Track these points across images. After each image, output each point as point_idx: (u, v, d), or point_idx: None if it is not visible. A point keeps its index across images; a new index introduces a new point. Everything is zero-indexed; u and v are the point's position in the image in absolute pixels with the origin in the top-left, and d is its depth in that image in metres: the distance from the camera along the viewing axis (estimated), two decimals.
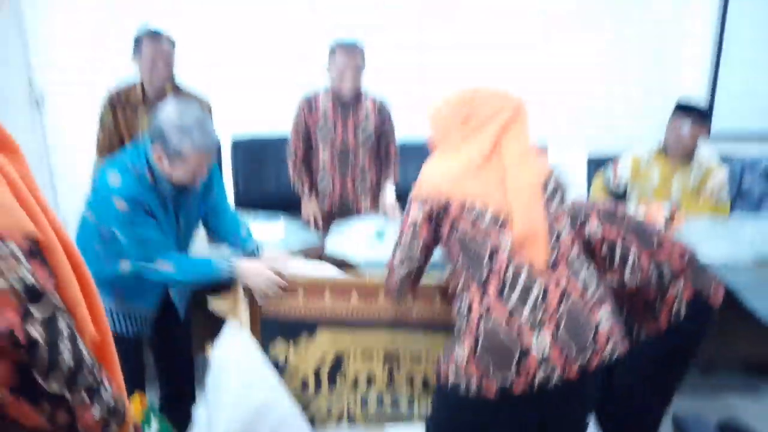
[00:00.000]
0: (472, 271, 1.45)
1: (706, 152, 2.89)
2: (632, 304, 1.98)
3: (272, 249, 2.24)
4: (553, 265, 1.45)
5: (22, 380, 0.68)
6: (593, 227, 1.86)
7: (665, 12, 3.89)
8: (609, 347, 1.42)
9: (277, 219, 2.81)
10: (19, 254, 0.68)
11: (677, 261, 1.92)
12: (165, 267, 1.85)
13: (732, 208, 3.01)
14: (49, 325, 0.70)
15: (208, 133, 1.77)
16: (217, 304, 2.04)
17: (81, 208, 2.22)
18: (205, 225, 2.18)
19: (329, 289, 2.02)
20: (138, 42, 2.52)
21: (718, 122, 4.04)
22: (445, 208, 1.48)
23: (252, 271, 1.93)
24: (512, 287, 1.41)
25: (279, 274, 1.95)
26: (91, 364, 0.76)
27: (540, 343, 1.36)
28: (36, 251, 0.71)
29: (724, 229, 2.66)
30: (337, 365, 2.07)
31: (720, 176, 2.82)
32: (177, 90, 2.64)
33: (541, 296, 1.40)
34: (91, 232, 1.87)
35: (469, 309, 1.44)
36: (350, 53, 2.62)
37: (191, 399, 2.31)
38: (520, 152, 1.52)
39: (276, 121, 3.15)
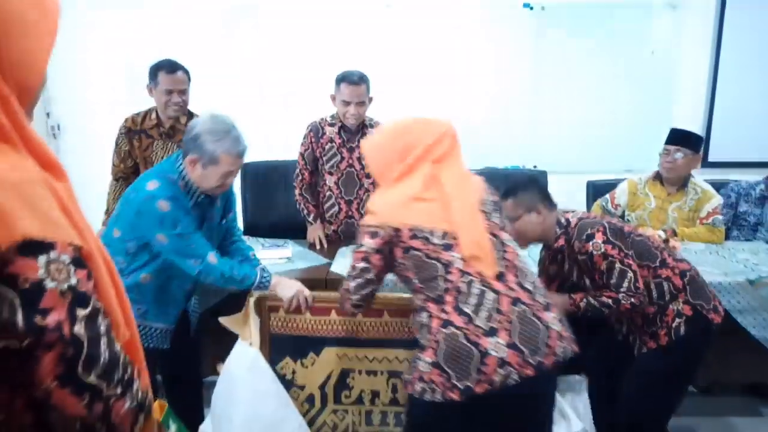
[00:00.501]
0: (428, 287, 1.55)
1: (701, 179, 2.98)
2: (631, 318, 2.05)
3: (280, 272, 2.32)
4: (502, 275, 1.56)
5: (66, 371, 0.76)
6: (597, 243, 1.93)
7: (662, 48, 4.03)
8: (561, 348, 1.52)
9: (284, 243, 2.90)
10: (67, 261, 0.77)
11: (678, 279, 1.99)
12: (212, 260, 1.96)
13: (728, 234, 3.08)
14: (91, 323, 0.79)
15: (239, 139, 1.92)
16: (228, 322, 2.11)
17: (95, 228, 2.31)
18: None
19: (335, 308, 2.10)
20: (154, 72, 2.65)
21: (714, 153, 4.15)
22: (396, 235, 1.58)
23: (284, 283, 2.06)
24: (467, 298, 1.50)
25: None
26: (123, 360, 0.84)
27: (496, 347, 1.45)
28: (79, 259, 0.80)
29: (719, 252, 2.73)
30: (343, 382, 2.13)
31: (715, 202, 2.90)
32: (191, 118, 2.75)
33: (494, 304, 1.50)
34: (115, 248, 1.96)
35: (429, 322, 1.53)
36: (354, 85, 2.72)
37: (199, 418, 2.36)
38: (457, 178, 1.64)
39: (284, 149, 3.26)
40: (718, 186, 3.11)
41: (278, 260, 2.61)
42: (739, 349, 2.49)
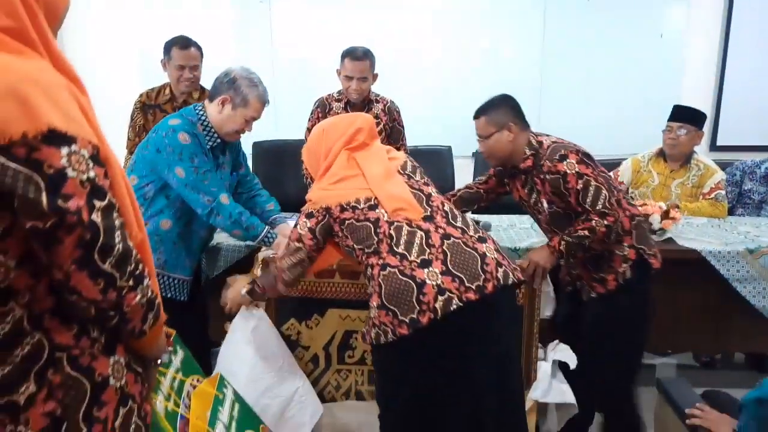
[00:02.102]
0: (366, 245, 1.66)
1: (704, 156, 3.00)
2: (581, 263, 2.09)
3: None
4: (430, 217, 1.67)
5: (83, 255, 0.84)
6: (571, 163, 1.95)
7: (671, 31, 4.05)
8: (501, 272, 1.61)
9: (293, 216, 2.96)
10: (86, 156, 0.85)
11: (628, 221, 2.05)
12: (224, 200, 2.05)
13: (732, 212, 3.09)
14: (107, 214, 0.86)
15: (266, 92, 2.14)
16: (236, 281, 2.18)
17: None
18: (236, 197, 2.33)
19: (338, 270, 2.17)
20: (168, 47, 2.75)
21: (722, 136, 4.16)
22: (328, 215, 1.73)
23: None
24: (398, 240, 1.62)
25: None
26: (135, 256, 0.92)
27: (431, 276, 1.55)
28: (97, 157, 0.87)
29: (720, 225, 2.75)
30: (346, 342, 2.20)
31: (717, 178, 2.92)
32: (203, 93, 2.85)
33: (424, 240, 1.61)
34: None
35: (371, 271, 1.63)
36: (357, 61, 2.75)
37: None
38: (371, 155, 1.82)
39: (294, 128, 3.33)
40: (725, 167, 3.13)
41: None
42: (739, 318, 2.52)
